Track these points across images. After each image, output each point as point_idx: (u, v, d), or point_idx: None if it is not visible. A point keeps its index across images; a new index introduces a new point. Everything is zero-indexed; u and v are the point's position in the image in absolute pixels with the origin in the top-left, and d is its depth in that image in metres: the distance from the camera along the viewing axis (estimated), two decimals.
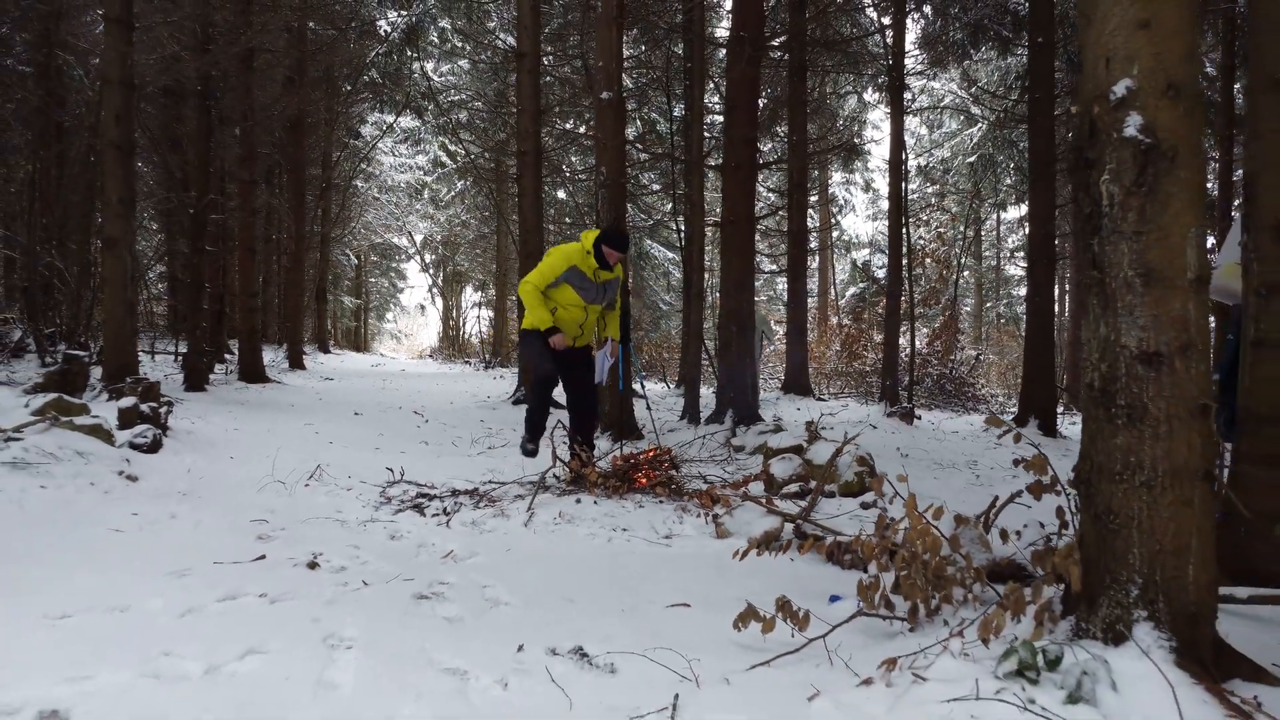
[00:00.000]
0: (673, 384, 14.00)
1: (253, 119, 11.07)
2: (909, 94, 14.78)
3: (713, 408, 8.30)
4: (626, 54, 11.68)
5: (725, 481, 5.20)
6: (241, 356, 11.12)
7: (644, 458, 5.24)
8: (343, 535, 3.65)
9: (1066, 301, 18.79)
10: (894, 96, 11.08)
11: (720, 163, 9.73)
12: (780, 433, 5.85)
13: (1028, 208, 11.78)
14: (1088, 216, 2.03)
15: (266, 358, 12.29)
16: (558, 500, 4.44)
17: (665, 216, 16.32)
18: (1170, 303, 1.92)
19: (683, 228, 11.48)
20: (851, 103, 18.46)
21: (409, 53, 15.91)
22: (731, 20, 8.58)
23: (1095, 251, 2.01)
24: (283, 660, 2.14)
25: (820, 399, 13.05)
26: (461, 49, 17.05)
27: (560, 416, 5.29)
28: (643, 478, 4.90)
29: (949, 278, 18.07)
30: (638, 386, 7.27)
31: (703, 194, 9.63)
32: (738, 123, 8.00)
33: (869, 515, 4.15)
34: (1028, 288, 10.16)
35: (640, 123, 14.76)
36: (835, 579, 3.18)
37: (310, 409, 8.43)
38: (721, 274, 8.95)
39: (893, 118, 11.08)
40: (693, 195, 9.07)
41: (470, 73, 19.42)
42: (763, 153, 13.60)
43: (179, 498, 4.11)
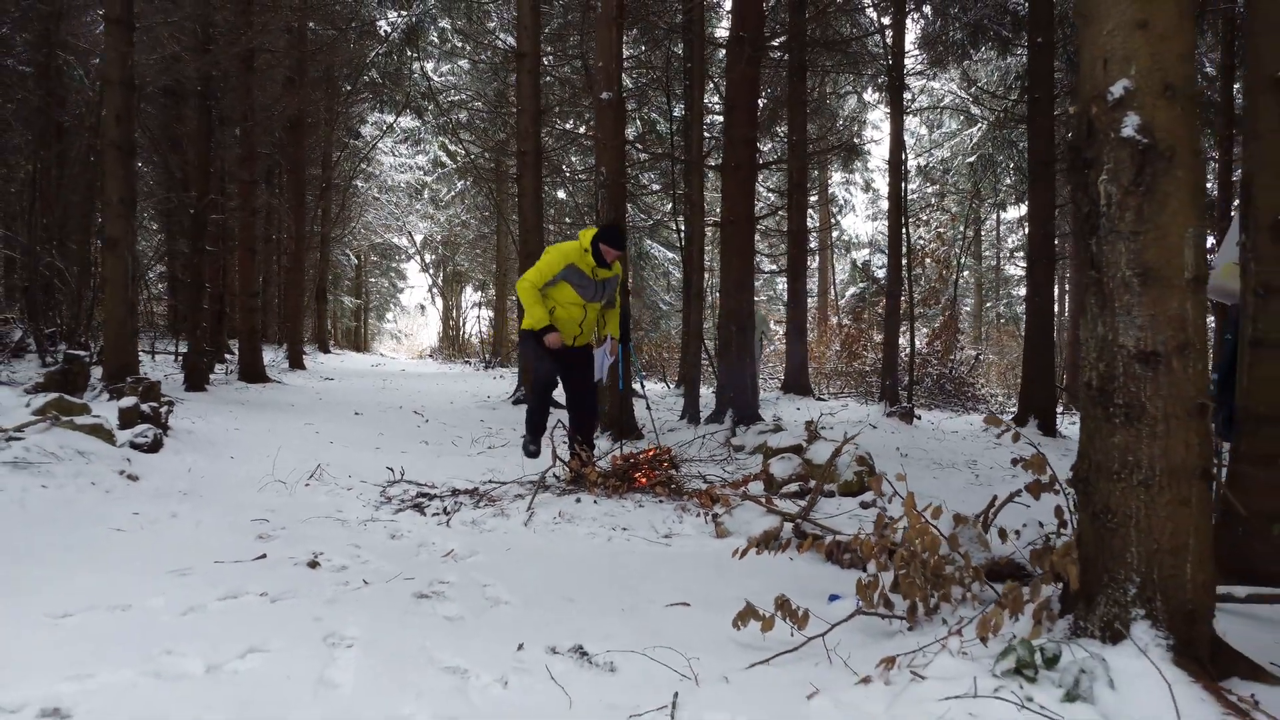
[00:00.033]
0: (672, 384, 14.00)
1: (253, 119, 11.08)
2: (909, 94, 14.78)
3: (712, 407, 8.31)
4: (626, 54, 11.69)
5: (725, 481, 5.20)
6: (241, 356, 11.13)
7: (644, 457, 5.24)
8: (343, 534, 3.66)
9: (1066, 301, 18.78)
10: (894, 96, 11.08)
11: (720, 163, 9.73)
12: (780, 432, 5.86)
13: (1027, 208, 11.80)
14: (1086, 216, 2.03)
15: (266, 358, 12.29)
16: (558, 500, 4.45)
17: (665, 216, 16.32)
18: (1168, 302, 1.93)
19: (683, 228, 11.49)
20: (851, 103, 18.46)
21: (409, 53, 15.91)
22: (731, 20, 8.60)
23: (1093, 251, 2.02)
24: (284, 659, 2.15)
25: (820, 399, 13.05)
26: (461, 49, 17.05)
27: (560, 416, 5.30)
28: (642, 477, 4.90)
29: (949, 278, 18.07)
30: (637, 386, 7.27)
31: (703, 194, 9.64)
32: (737, 123, 8.01)
33: (868, 514, 4.16)
34: (1027, 288, 10.17)
35: (640, 123, 14.76)
36: (834, 578, 3.19)
37: (310, 409, 8.44)
38: (721, 274, 8.96)
39: (892, 118, 11.09)
40: (693, 195, 9.07)
41: (470, 73, 19.42)
42: (762, 153, 13.60)
43: (180, 497, 4.12)
